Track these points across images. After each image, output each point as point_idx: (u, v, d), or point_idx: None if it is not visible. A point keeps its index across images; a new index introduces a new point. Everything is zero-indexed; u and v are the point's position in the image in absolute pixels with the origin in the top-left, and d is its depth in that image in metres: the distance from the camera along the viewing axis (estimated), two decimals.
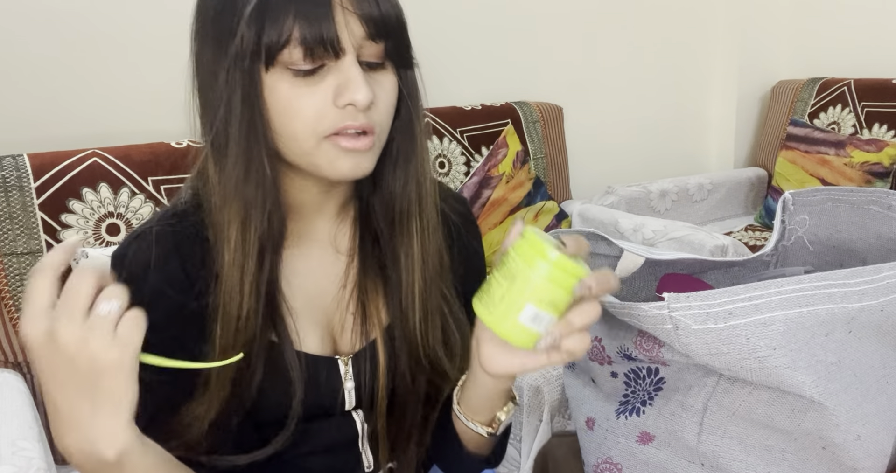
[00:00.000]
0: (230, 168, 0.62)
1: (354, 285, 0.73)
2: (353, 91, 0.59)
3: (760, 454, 0.67)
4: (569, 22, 2.38)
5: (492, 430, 0.69)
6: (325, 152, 0.61)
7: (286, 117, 0.60)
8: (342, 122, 0.60)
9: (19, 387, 1.19)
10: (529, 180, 2.08)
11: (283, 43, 0.57)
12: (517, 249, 0.55)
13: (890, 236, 0.79)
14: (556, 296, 0.54)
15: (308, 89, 0.60)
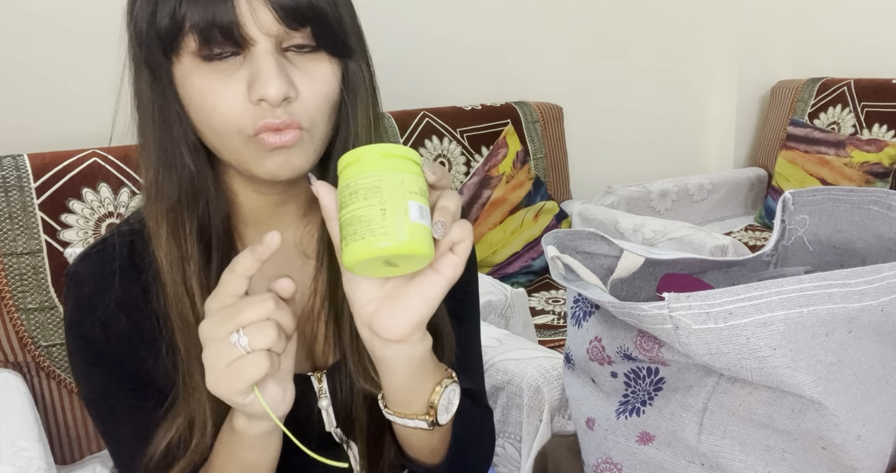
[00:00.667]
0: (152, 164, 0.59)
1: (325, 291, 0.67)
2: (263, 84, 0.53)
3: (760, 454, 0.67)
4: (569, 22, 2.38)
5: (430, 418, 0.60)
6: (252, 151, 0.56)
7: (205, 112, 0.55)
8: (262, 120, 0.54)
9: (19, 387, 1.19)
10: (529, 180, 2.08)
11: (177, 29, 0.53)
12: (349, 175, 0.50)
13: (890, 236, 0.79)
14: (420, 184, 0.51)
15: (222, 82, 0.54)
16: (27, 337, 1.25)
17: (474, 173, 2.01)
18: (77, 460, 1.32)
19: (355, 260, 0.49)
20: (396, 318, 0.54)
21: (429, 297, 0.53)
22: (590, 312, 0.78)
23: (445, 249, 0.53)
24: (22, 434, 1.03)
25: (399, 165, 0.50)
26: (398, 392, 0.60)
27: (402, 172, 0.50)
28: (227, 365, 0.51)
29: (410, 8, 2.07)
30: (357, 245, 0.48)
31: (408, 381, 0.59)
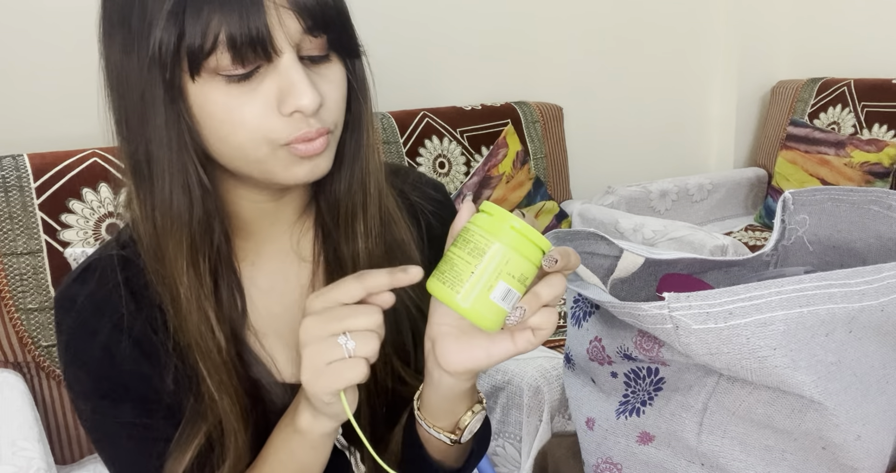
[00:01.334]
0: (165, 193, 0.55)
1: None
2: (298, 97, 0.52)
3: (760, 454, 0.67)
4: (569, 22, 2.38)
5: (454, 437, 0.63)
6: (281, 159, 0.55)
7: (228, 128, 0.54)
8: (297, 131, 0.54)
9: (19, 387, 1.19)
10: (529, 180, 2.08)
11: (209, 48, 0.50)
12: (478, 223, 0.52)
13: (890, 236, 0.79)
14: (526, 270, 0.52)
15: (246, 97, 0.53)
16: (27, 337, 1.25)
17: (474, 173, 2.01)
18: (77, 460, 1.32)
19: (433, 292, 0.53)
20: (457, 355, 0.56)
21: (493, 355, 0.56)
22: (590, 312, 0.78)
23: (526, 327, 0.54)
24: (22, 434, 1.03)
25: (518, 245, 0.51)
26: (434, 407, 0.62)
27: (515, 252, 0.51)
28: (328, 364, 0.52)
29: (410, 8, 2.07)
30: (440, 286, 0.52)
31: (445, 402, 0.62)
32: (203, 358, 0.59)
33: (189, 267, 0.57)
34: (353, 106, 0.61)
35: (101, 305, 0.61)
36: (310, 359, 0.52)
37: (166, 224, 0.56)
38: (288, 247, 0.67)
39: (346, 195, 0.64)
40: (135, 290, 0.61)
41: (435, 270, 0.53)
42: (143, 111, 0.54)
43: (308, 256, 0.68)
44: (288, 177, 0.56)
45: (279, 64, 0.53)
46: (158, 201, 0.56)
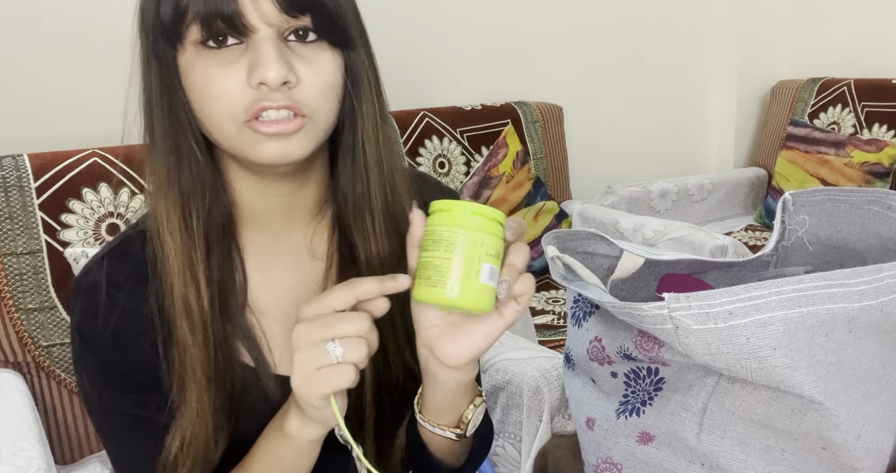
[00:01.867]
0: (160, 156, 0.59)
1: None
2: (263, 68, 0.53)
3: (760, 454, 0.67)
4: (569, 22, 2.38)
5: (460, 431, 0.65)
6: (248, 137, 0.56)
7: (204, 100, 0.56)
8: (258, 103, 0.55)
9: (19, 387, 1.19)
10: (529, 180, 2.08)
11: (180, 19, 0.54)
12: (438, 222, 0.54)
13: (890, 236, 0.79)
14: (497, 245, 0.55)
15: (223, 70, 0.55)
16: (27, 337, 1.25)
17: (474, 173, 2.01)
18: (77, 460, 1.32)
19: (421, 298, 0.54)
20: (457, 347, 0.57)
21: (489, 334, 0.58)
22: (590, 312, 0.78)
23: (510, 298, 0.57)
24: (22, 434, 1.03)
25: (483, 226, 0.54)
26: (437, 406, 0.64)
27: (483, 233, 0.54)
28: (317, 369, 0.53)
29: (410, 8, 2.07)
30: (428, 289, 0.54)
31: (450, 399, 0.63)
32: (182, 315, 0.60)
33: (181, 223, 0.60)
34: (348, 95, 0.61)
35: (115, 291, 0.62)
36: (300, 364, 0.54)
37: (160, 184, 0.60)
38: (302, 245, 0.68)
39: (352, 191, 0.65)
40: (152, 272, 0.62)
41: (416, 279, 0.55)
42: (149, 83, 0.59)
43: (320, 255, 0.68)
44: (256, 156, 0.57)
45: (254, 40, 0.55)
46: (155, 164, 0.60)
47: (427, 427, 0.65)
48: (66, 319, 1.27)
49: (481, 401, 0.66)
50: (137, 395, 0.63)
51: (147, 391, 0.63)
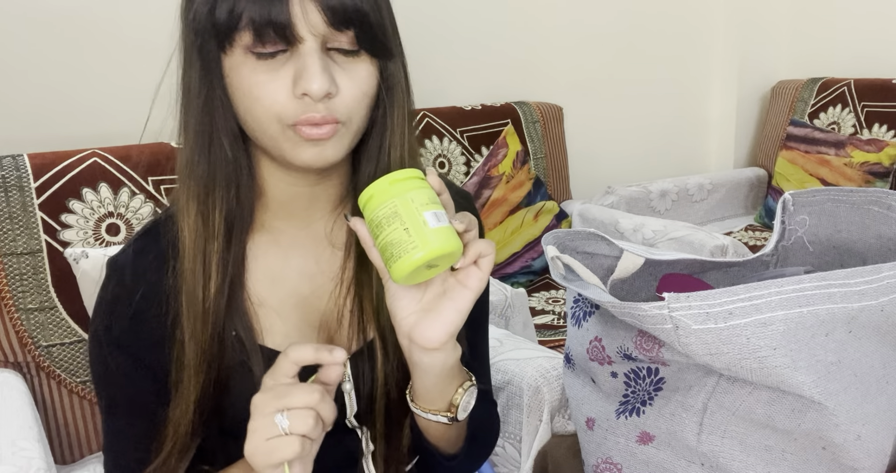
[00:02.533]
0: (189, 146, 0.62)
1: (351, 281, 0.70)
2: (308, 81, 0.57)
3: (760, 454, 0.67)
4: (569, 22, 2.38)
5: (451, 414, 0.67)
6: (290, 140, 0.60)
7: (248, 101, 0.59)
8: (303, 113, 0.59)
9: (19, 387, 1.19)
10: (529, 180, 2.08)
11: (233, 25, 0.56)
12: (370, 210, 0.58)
13: (890, 236, 0.79)
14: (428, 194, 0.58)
15: (269, 75, 0.58)
16: (27, 337, 1.25)
17: (474, 173, 2.01)
18: (77, 460, 1.32)
19: (401, 274, 0.57)
20: (434, 328, 0.60)
21: (460, 308, 0.60)
22: (590, 312, 0.78)
23: (470, 262, 0.59)
24: (22, 434, 1.03)
25: (406, 186, 0.57)
26: (427, 391, 0.66)
27: (410, 191, 0.57)
28: (266, 440, 0.55)
29: (410, 8, 2.07)
30: (398, 264, 0.56)
31: (437, 384, 0.65)
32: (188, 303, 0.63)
33: (198, 216, 0.63)
34: (384, 103, 0.65)
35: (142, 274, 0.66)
36: (252, 434, 0.56)
37: (187, 175, 0.63)
38: (322, 234, 0.71)
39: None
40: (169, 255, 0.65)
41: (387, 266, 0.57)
42: (187, 79, 0.61)
43: (339, 244, 0.71)
44: (295, 157, 0.61)
45: (300, 50, 0.58)
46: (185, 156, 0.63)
47: (420, 413, 0.67)
48: (66, 319, 1.27)
49: (470, 385, 0.68)
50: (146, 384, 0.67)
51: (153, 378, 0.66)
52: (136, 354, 0.66)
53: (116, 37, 1.62)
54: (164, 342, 0.65)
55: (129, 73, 1.65)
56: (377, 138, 0.66)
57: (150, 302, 0.65)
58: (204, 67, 0.60)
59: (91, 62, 1.61)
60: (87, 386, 1.30)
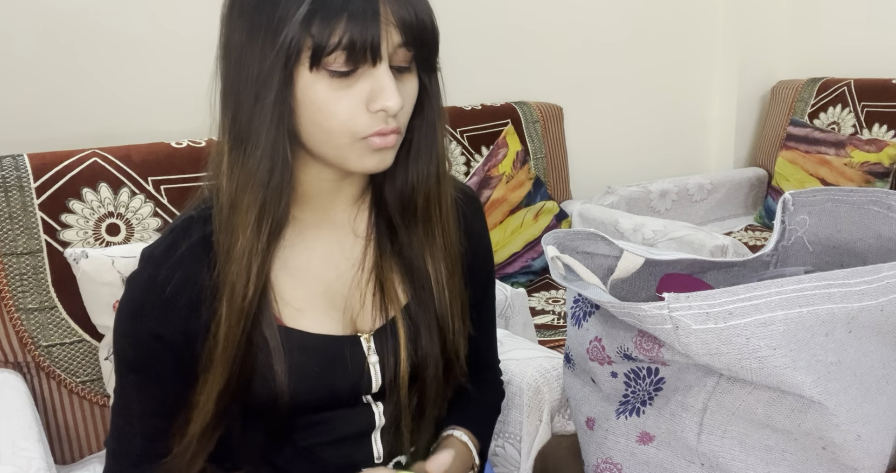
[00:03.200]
0: (255, 158, 0.64)
1: (372, 265, 0.76)
2: (386, 99, 0.62)
3: (760, 454, 0.67)
4: (569, 22, 2.38)
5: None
6: (357, 150, 0.65)
7: (321, 116, 0.63)
8: (376, 127, 0.64)
9: (19, 387, 1.19)
10: (529, 180, 2.08)
11: (332, 47, 0.60)
12: None
13: (890, 236, 0.79)
14: None
15: (343, 92, 0.62)
16: (27, 337, 1.25)
17: (474, 173, 2.01)
18: (77, 460, 1.32)
19: None
20: None
21: None
22: (590, 312, 0.78)
23: None
24: (22, 434, 1.03)
25: None
26: None
27: None
28: None
29: None
30: None
31: None
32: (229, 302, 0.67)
33: (254, 223, 0.65)
34: (427, 112, 0.71)
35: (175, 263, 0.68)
36: None
37: (248, 182, 0.65)
38: (346, 223, 0.76)
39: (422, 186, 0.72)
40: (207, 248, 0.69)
41: None
42: (257, 90, 0.62)
43: (361, 233, 0.76)
44: (359, 165, 0.66)
45: (376, 69, 0.62)
46: (250, 167, 0.65)
47: None
48: (66, 319, 1.27)
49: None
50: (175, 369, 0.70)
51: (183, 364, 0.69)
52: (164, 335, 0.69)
53: (116, 37, 1.62)
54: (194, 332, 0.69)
55: (128, 73, 1.65)
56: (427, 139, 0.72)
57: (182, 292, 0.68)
58: (283, 83, 0.62)
59: (91, 63, 1.61)
60: (87, 386, 1.30)
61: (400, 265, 0.76)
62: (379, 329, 0.75)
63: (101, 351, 1.23)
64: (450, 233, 0.76)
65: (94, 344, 1.28)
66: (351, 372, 0.73)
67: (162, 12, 1.66)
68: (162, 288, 0.68)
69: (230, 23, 0.64)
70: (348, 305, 0.75)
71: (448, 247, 0.76)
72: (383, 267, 0.76)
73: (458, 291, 0.77)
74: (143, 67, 1.66)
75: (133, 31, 1.64)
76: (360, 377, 0.74)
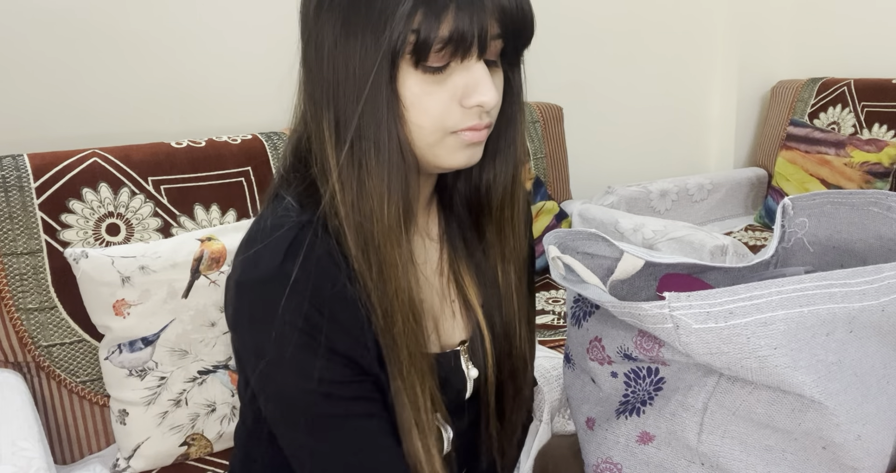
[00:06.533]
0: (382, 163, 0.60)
1: (450, 270, 0.73)
2: (482, 94, 0.60)
3: (760, 454, 0.67)
4: (569, 22, 2.38)
5: None
6: (448, 144, 0.62)
7: (414, 111, 0.60)
8: (469, 122, 0.61)
9: (19, 387, 1.19)
10: (529, 180, 2.08)
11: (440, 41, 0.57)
12: None
13: (890, 236, 0.79)
14: None
15: (435, 87, 0.60)
16: (27, 337, 1.25)
17: None
18: (77, 460, 1.32)
19: None
20: None
21: None
22: (590, 312, 0.78)
23: None
24: (22, 434, 1.03)
25: None
26: None
27: None
28: None
29: None
30: None
31: None
32: (406, 309, 0.62)
33: (403, 234, 0.62)
34: (508, 107, 0.68)
35: (320, 277, 0.61)
36: None
37: (390, 192, 0.60)
38: (421, 227, 0.73)
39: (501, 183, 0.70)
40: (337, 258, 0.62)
41: None
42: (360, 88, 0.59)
43: (434, 236, 0.74)
44: (450, 160, 0.63)
45: (469, 63, 0.59)
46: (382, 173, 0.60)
47: None
48: (66, 319, 1.27)
49: None
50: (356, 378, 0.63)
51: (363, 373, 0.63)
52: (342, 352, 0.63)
53: (116, 37, 1.62)
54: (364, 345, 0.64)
55: (129, 73, 1.65)
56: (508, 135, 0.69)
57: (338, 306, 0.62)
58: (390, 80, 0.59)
59: (91, 62, 1.61)
60: (87, 386, 1.30)
61: (470, 267, 0.73)
62: (471, 338, 0.73)
63: (101, 351, 1.23)
64: (520, 235, 0.73)
65: (94, 344, 1.28)
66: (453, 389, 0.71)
67: (162, 12, 1.66)
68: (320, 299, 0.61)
69: (318, 19, 0.60)
70: (438, 316, 0.72)
71: (519, 250, 0.73)
72: (460, 271, 0.73)
73: (524, 296, 0.75)
74: (144, 67, 1.66)
75: (133, 31, 1.64)
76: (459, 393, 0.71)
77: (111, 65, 1.63)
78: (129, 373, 1.21)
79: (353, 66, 0.58)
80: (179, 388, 1.24)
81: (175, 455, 1.26)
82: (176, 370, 1.23)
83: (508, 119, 0.68)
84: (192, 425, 1.26)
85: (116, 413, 1.24)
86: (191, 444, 1.26)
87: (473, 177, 0.70)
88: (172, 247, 1.23)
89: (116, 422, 1.24)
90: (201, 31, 1.71)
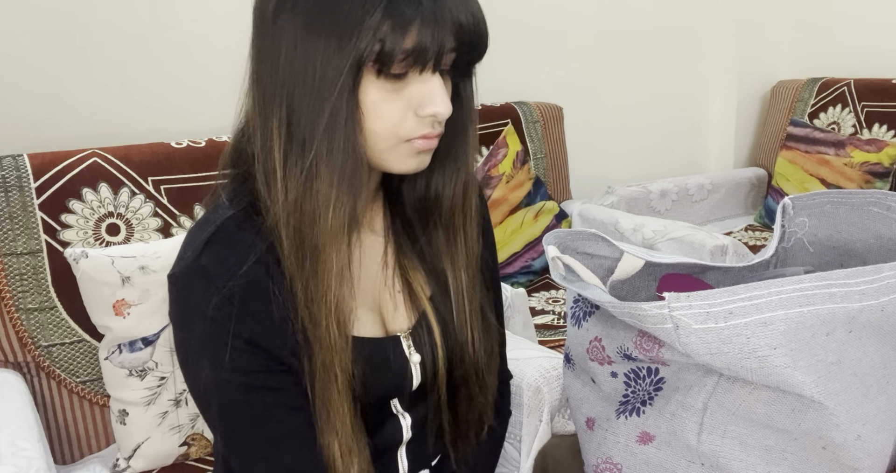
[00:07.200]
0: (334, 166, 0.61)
1: (395, 263, 0.75)
2: (437, 105, 0.62)
3: (760, 454, 0.67)
4: (569, 22, 2.38)
5: None
6: (400, 151, 0.64)
7: (371, 118, 0.62)
8: (423, 130, 0.63)
9: (19, 387, 1.19)
10: (529, 180, 2.08)
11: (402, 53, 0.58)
12: None
13: (890, 236, 0.79)
14: None
15: (392, 95, 0.62)
16: (27, 337, 1.25)
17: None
18: (77, 460, 1.32)
19: None
20: None
21: None
22: (590, 312, 0.78)
23: None
24: (22, 434, 1.03)
25: None
26: None
27: None
28: None
29: None
30: None
31: None
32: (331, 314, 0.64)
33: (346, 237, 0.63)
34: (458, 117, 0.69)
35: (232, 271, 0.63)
36: None
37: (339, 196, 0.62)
38: (364, 223, 0.74)
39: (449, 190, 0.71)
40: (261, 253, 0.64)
41: None
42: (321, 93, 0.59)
43: (378, 230, 0.76)
44: (400, 165, 0.65)
45: (427, 75, 0.62)
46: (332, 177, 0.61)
47: None
48: (66, 319, 1.27)
49: None
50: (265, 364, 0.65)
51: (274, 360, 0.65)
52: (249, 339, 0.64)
53: (117, 37, 1.62)
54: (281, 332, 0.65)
55: (129, 73, 1.65)
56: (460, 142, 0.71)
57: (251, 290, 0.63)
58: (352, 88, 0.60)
59: (91, 63, 1.60)
60: (87, 386, 1.30)
61: (421, 264, 0.75)
62: (414, 326, 0.75)
63: (101, 351, 1.23)
64: (472, 241, 0.75)
65: (94, 344, 1.28)
66: (396, 373, 0.72)
67: (162, 12, 1.66)
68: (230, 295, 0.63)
69: (277, 19, 0.60)
70: (382, 305, 0.75)
71: (470, 256, 0.75)
72: (405, 264, 0.75)
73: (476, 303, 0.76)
74: (143, 67, 1.66)
75: (133, 32, 1.64)
76: (403, 378, 0.73)
77: (111, 65, 1.63)
78: (129, 373, 1.21)
79: (313, 68, 0.59)
80: (179, 388, 1.24)
81: (175, 455, 1.26)
82: (176, 370, 1.23)
83: (459, 128, 0.70)
84: (192, 425, 1.26)
85: (116, 413, 1.24)
86: (191, 444, 1.26)
87: (419, 183, 0.72)
88: (172, 247, 1.23)
89: (116, 422, 1.24)
90: (201, 31, 1.71)
